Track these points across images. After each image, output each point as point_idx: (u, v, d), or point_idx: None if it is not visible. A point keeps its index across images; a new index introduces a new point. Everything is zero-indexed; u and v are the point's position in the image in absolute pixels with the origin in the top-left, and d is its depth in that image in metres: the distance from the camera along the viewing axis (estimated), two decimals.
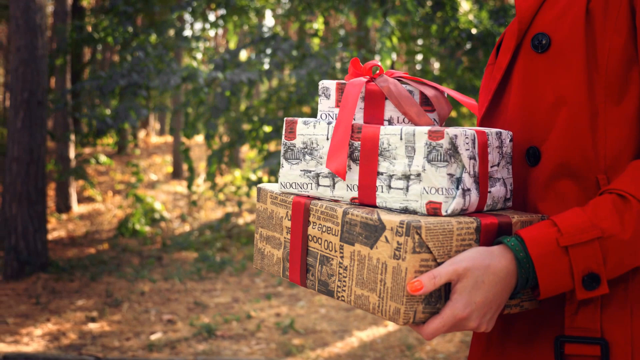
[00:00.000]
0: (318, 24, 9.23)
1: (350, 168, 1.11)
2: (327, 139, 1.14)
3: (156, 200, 11.16)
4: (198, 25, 20.26)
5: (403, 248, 0.98)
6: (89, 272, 7.54)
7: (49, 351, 5.09)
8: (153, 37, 8.01)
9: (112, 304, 6.33)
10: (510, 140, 1.14)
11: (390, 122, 1.14)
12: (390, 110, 1.14)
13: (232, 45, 11.82)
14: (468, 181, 1.04)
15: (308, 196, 1.17)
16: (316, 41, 9.10)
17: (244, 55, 11.12)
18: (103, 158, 14.05)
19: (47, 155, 8.65)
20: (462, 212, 1.05)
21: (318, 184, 1.15)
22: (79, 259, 8.25)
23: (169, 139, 19.34)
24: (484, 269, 1.00)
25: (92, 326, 5.69)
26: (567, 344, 1.09)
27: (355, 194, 1.11)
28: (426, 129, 1.03)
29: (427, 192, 1.03)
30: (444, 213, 1.02)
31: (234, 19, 8.93)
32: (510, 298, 1.07)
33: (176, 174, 13.95)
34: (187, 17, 10.42)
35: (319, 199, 1.16)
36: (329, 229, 1.10)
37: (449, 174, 1.02)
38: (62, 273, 7.44)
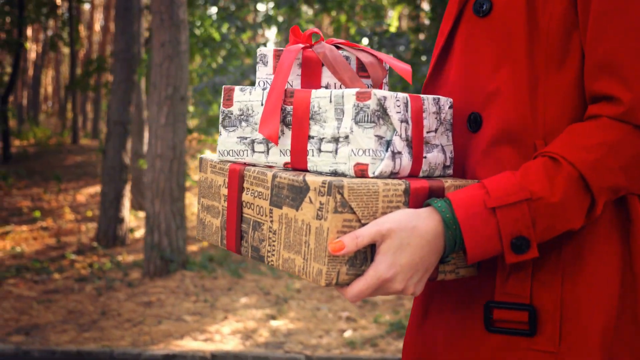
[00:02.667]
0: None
1: (284, 133, 1.10)
2: (262, 104, 1.13)
3: None
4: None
5: (325, 208, 0.96)
6: (228, 269, 7.47)
7: (250, 349, 5.03)
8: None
9: (279, 301, 6.26)
10: (450, 107, 1.12)
11: (327, 88, 1.12)
12: (327, 77, 1.14)
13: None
14: (399, 144, 1.03)
15: (245, 163, 1.17)
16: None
17: None
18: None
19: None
20: (393, 176, 1.03)
21: (254, 151, 1.15)
22: (209, 255, 8.18)
23: None
24: (409, 231, 0.97)
25: (275, 323, 5.62)
26: (496, 309, 1.07)
27: (288, 159, 1.10)
28: (354, 90, 1.01)
29: (355, 154, 1.01)
30: (371, 175, 1.00)
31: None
32: (442, 262, 1.05)
33: None
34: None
35: (254, 165, 1.15)
36: (260, 193, 1.09)
37: (376, 136, 1.00)
38: (203, 270, 7.38)
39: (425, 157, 1.08)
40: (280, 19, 9.28)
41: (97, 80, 21.02)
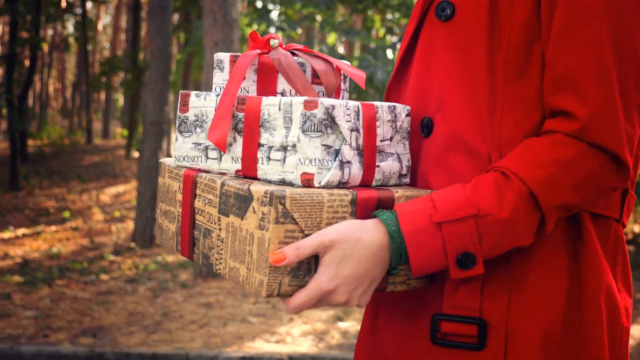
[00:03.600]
0: None
1: (235, 140, 1.10)
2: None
3: None
4: None
5: (267, 218, 0.96)
6: None
7: (325, 351, 4.98)
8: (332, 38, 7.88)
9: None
10: (407, 115, 1.10)
11: (282, 95, 1.13)
12: (282, 84, 1.14)
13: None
14: (348, 153, 1.01)
15: (199, 169, 1.16)
16: None
17: None
18: None
19: None
20: (342, 186, 1.02)
21: (207, 157, 1.15)
22: None
23: None
24: (353, 242, 0.95)
25: (343, 325, 5.58)
26: (444, 321, 1.05)
27: (239, 166, 1.10)
28: (302, 99, 1.01)
29: (302, 163, 1.00)
30: (317, 184, 0.99)
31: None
32: (390, 274, 1.03)
33: None
34: None
35: (208, 171, 1.15)
36: (210, 201, 1.09)
37: (323, 145, 0.99)
38: None
39: (378, 166, 1.06)
40: (318, 18, 9.23)
41: (109, 80, 20.93)
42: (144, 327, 5.52)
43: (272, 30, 8.25)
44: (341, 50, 8.56)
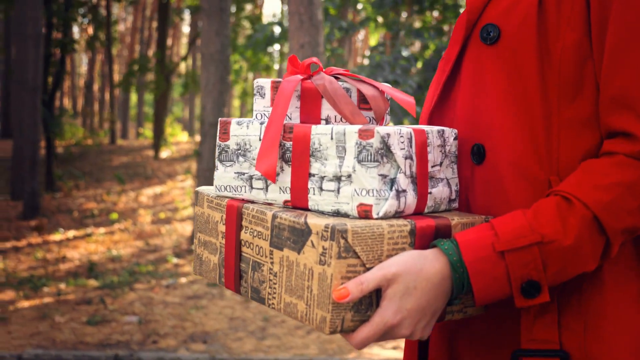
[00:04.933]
0: None
1: (283, 170, 1.07)
2: (260, 139, 1.09)
3: None
4: None
5: (328, 253, 0.93)
6: None
7: None
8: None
9: None
10: (455, 139, 1.09)
11: (327, 122, 1.10)
12: (327, 109, 1.10)
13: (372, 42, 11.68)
14: (404, 182, 0.99)
15: (243, 199, 1.13)
16: None
17: None
18: None
19: None
20: (398, 215, 1.00)
21: (252, 187, 1.11)
22: None
23: None
24: (415, 274, 0.94)
25: None
26: (524, 358, 1.02)
27: (288, 196, 1.07)
28: (357, 127, 0.98)
29: (358, 194, 0.98)
30: (375, 216, 0.97)
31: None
32: (449, 304, 1.02)
33: None
34: None
35: (252, 202, 1.11)
36: (259, 233, 1.06)
37: (380, 175, 0.97)
38: None
39: (430, 193, 1.04)
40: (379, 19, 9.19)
41: (128, 81, 20.86)
42: (251, 333, 5.46)
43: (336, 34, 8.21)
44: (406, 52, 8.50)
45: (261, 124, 1.10)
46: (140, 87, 18.36)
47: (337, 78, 1.13)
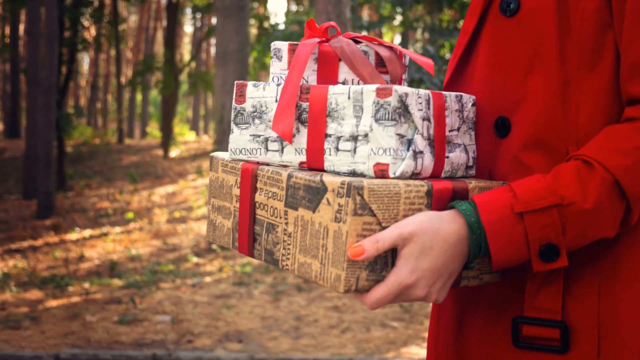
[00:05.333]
0: None
1: (299, 131, 1.05)
2: (276, 101, 1.08)
3: None
4: None
5: (344, 210, 0.91)
6: None
7: None
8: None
9: None
10: (473, 105, 1.08)
11: (344, 84, 1.07)
12: (344, 72, 1.09)
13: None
14: (421, 143, 0.98)
15: (258, 162, 1.11)
16: None
17: None
18: None
19: None
20: (414, 176, 0.98)
21: (267, 149, 1.10)
22: None
23: None
24: (432, 234, 0.92)
25: None
26: (525, 325, 1.01)
27: (303, 158, 1.05)
28: (374, 86, 0.96)
29: (375, 153, 0.96)
30: (391, 175, 0.95)
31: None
32: (466, 268, 0.99)
33: None
34: None
35: (267, 164, 1.10)
36: (274, 194, 1.04)
37: (398, 134, 0.95)
38: None
39: (447, 157, 1.03)
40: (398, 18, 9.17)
41: (135, 80, 20.82)
42: (285, 332, 5.43)
43: (364, 32, 8.18)
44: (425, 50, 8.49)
45: (278, 85, 1.08)
46: (147, 86, 18.31)
47: (355, 41, 1.12)
